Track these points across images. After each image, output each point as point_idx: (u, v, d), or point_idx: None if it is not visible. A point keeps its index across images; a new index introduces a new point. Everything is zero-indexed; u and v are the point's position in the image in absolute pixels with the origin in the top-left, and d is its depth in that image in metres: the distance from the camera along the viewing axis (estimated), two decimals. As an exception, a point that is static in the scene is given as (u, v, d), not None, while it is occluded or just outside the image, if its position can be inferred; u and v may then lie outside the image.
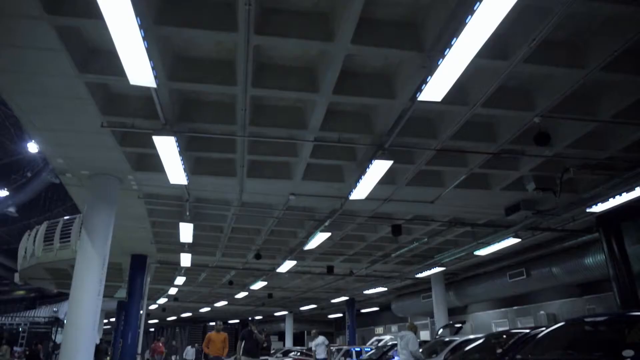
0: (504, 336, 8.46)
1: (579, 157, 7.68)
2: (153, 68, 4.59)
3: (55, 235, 15.48)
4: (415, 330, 9.48)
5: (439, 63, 4.57)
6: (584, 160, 7.75)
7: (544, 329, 6.94)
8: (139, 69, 4.55)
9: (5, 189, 37.48)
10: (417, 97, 5.21)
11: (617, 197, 8.37)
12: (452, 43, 4.25)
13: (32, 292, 47.53)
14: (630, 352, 4.38)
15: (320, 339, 14.06)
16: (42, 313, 41.37)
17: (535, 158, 7.74)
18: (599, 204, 8.81)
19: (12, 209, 38.73)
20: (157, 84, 4.96)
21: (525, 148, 7.36)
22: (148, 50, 4.29)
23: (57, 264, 15.91)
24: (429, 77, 4.81)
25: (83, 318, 7.64)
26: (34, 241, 16.18)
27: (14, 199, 38.65)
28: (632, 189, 7.99)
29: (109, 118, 6.38)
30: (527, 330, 7.98)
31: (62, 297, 39.86)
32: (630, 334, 4.74)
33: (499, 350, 7.52)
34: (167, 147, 6.32)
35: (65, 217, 16.23)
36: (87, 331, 7.63)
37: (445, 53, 4.41)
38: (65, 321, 27.33)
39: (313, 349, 14.38)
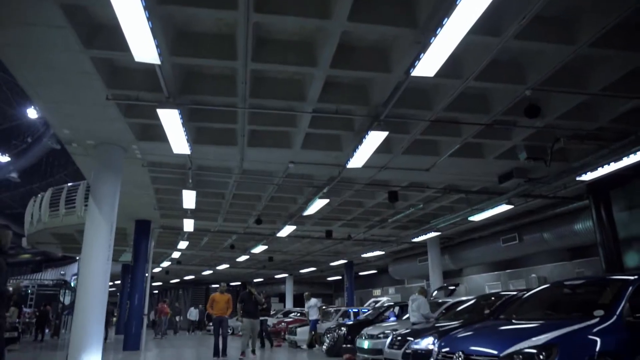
0: (492, 298, 8.92)
1: (569, 128, 7.92)
2: (157, 46, 4.78)
3: (61, 202, 15.85)
4: (425, 294, 10.36)
5: (431, 41, 4.75)
6: (574, 131, 7.98)
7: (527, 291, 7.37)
8: (143, 47, 4.74)
9: (7, 154, 37.71)
10: (410, 73, 5.40)
11: (606, 166, 8.64)
12: (444, 23, 4.43)
13: (37, 256, 48.46)
14: (601, 312, 4.79)
15: (313, 301, 14.63)
16: (49, 276, 42.32)
17: (527, 129, 7.97)
18: (589, 173, 9.09)
19: (14, 175, 39.09)
20: (161, 61, 5.15)
21: (517, 119, 7.57)
22: (152, 30, 4.47)
23: (63, 229, 16.38)
24: (422, 54, 5.00)
25: (94, 282, 8.07)
26: (40, 207, 16.57)
27: (15, 165, 38.97)
28: (620, 158, 8.24)
29: (114, 91, 6.59)
30: (514, 293, 8.43)
31: (67, 260, 40.76)
32: (602, 296, 5.14)
33: (487, 311, 7.97)
34: (170, 119, 6.56)
35: (70, 184, 16.58)
36: (98, 294, 8.08)
37: (437, 32, 4.59)
38: (72, 283, 28.16)
39: (306, 310, 14.97)
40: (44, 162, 41.13)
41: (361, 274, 30.83)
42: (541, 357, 4.34)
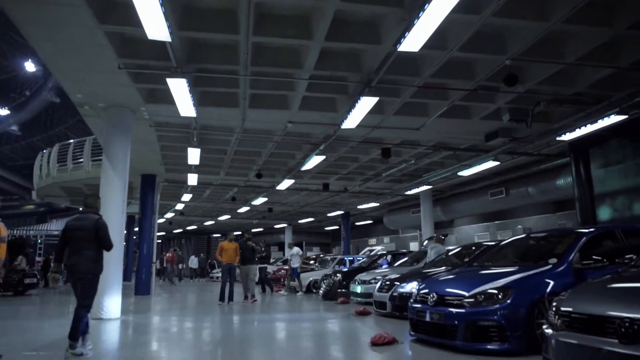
0: (473, 248, 9.83)
1: (549, 93, 8.49)
2: (169, 27, 5.30)
3: (68, 157, 16.50)
4: (442, 242, 11.56)
5: (414, 22, 5.28)
6: (554, 95, 8.56)
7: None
8: (156, 27, 5.27)
9: (6, 107, 37.85)
10: (397, 48, 5.94)
11: (583, 127, 9.26)
12: (425, 7, 4.95)
13: (41, 207, 49.48)
14: (554, 260, 5.61)
15: (295, 250, 15.61)
16: (55, 226, 43.44)
17: (510, 94, 8.54)
18: (567, 134, 9.73)
19: (14, 128, 39.41)
20: (172, 38, 5.68)
21: (500, 85, 8.10)
22: (165, 13, 4.98)
23: (71, 183, 17.12)
24: (407, 32, 5.53)
25: (111, 234, 8.85)
26: (49, 162, 17.22)
27: (15, 118, 39.19)
28: (596, 121, 8.86)
29: (125, 60, 7.11)
30: (493, 243, 9.31)
31: (71, 211, 41.84)
32: (559, 246, 5.94)
33: (466, 259, 8.87)
34: (179, 87, 7.14)
35: (75, 140, 17.14)
36: (115, 244, 8.89)
37: (420, 15, 5.11)
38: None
39: (289, 258, 15.96)
40: (43, 116, 41.34)
41: (357, 224, 31.95)
42: (499, 296, 5.19)
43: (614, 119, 8.69)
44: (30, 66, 33.52)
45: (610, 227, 7.00)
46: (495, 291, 5.26)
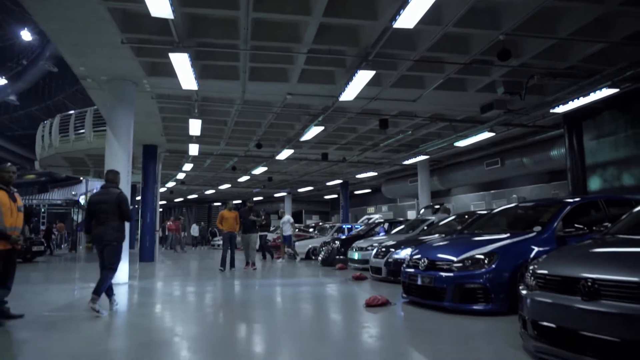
0: (466, 216, 10.20)
1: (542, 66, 8.68)
2: (171, 4, 5.48)
3: (70, 128, 16.70)
4: (449, 212, 12.12)
5: (409, 1, 5.45)
6: (547, 69, 8.75)
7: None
8: (159, 5, 5.44)
9: (3, 76, 37.61)
10: (393, 25, 6.12)
11: (576, 100, 9.50)
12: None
13: (42, 177, 49.81)
14: (539, 227, 5.97)
15: (286, 217, 16.01)
16: (56, 195, 43.87)
17: (504, 67, 8.72)
18: (561, 106, 9.96)
19: (12, 97, 39.28)
20: (174, 16, 5.86)
21: (494, 59, 8.27)
22: (168, -9, 5.16)
23: (73, 153, 17.39)
24: (402, 10, 5.71)
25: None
26: (50, 133, 17.43)
27: (13, 88, 39.02)
28: (588, 94, 9.10)
29: (127, 35, 7.28)
30: (485, 212, 9.67)
31: (72, 180, 42.18)
32: (544, 215, 6.29)
33: (459, 227, 9.24)
34: (180, 62, 7.34)
35: (77, 111, 17.28)
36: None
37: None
38: (82, 202, 29.48)
39: (280, 226, 16.43)
40: (41, 85, 41.15)
41: (356, 192, 32.38)
42: (485, 261, 5.58)
43: (605, 92, 8.92)
44: (26, 35, 33.17)
45: (593, 197, 7.36)
46: (482, 257, 5.64)
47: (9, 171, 5.34)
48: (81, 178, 33.01)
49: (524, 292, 3.90)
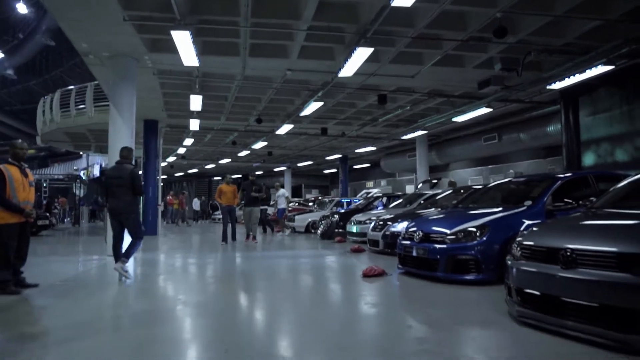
0: (462, 191, 10.45)
1: (539, 43, 8.78)
2: (174, -16, 5.59)
3: (71, 103, 16.77)
4: (454, 185, 12.37)
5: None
6: (544, 46, 8.85)
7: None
8: (162, -16, 5.54)
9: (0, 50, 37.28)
10: (391, 3, 6.23)
11: (572, 77, 9.62)
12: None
13: (42, 151, 49.78)
14: (529, 202, 6.22)
15: (281, 191, 16.29)
16: (57, 170, 44.04)
17: (501, 44, 8.82)
18: (557, 82, 10.08)
19: (10, 71, 39.02)
20: (176, -6, 5.96)
21: (491, 37, 8.38)
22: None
23: (75, 128, 17.52)
24: (401, -11, 5.82)
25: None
26: (51, 108, 17.51)
27: (10, 62, 38.70)
28: (584, 71, 9.21)
29: (129, 12, 7.38)
30: (479, 187, 9.92)
31: (72, 155, 42.31)
32: (535, 190, 6.53)
33: (454, 201, 9.50)
34: (182, 39, 7.45)
35: (77, 86, 17.32)
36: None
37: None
38: (83, 177, 29.76)
39: (276, 199, 16.72)
40: (38, 59, 40.83)
41: (355, 167, 32.60)
42: (477, 233, 5.85)
43: (601, 69, 9.03)
44: (22, 7, 32.74)
45: (583, 173, 7.61)
46: (474, 229, 5.91)
47: (22, 148, 5.56)
48: (81, 153, 33.20)
49: (509, 262, 4.17)
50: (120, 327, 4.34)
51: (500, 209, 6.43)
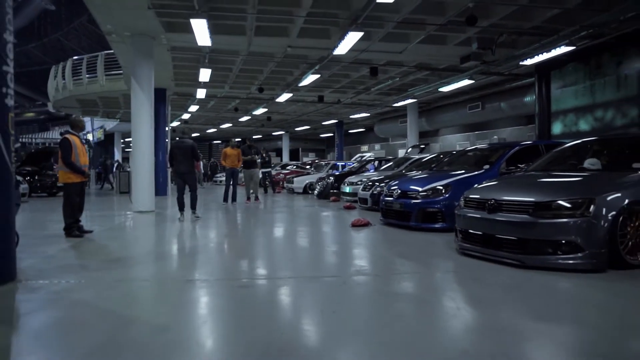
0: (442, 155, 11.86)
1: (510, 26, 10.03)
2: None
3: (83, 71, 17.87)
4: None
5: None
6: (514, 29, 10.09)
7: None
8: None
9: (-2, 13, 37.57)
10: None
11: (540, 55, 10.89)
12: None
13: (41, 114, 50.45)
14: (487, 166, 7.66)
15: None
16: (58, 134, 44.93)
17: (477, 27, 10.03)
18: (528, 59, 11.34)
19: (10, 34, 39.34)
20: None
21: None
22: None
23: (87, 96, 18.68)
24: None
25: (144, 143, 10.85)
26: (64, 76, 18.59)
27: (10, 24, 39.00)
28: (549, 50, 10.48)
29: (154, 1, 8.54)
30: (455, 152, 11.33)
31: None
32: (494, 156, 7.96)
33: (433, 165, 10.93)
34: (199, 25, 8.68)
35: (88, 55, 18.34)
36: (147, 151, 10.94)
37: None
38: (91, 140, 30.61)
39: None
40: (36, 23, 41.14)
41: (351, 131, 33.82)
42: (443, 191, 7.32)
43: (564, 49, 10.33)
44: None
45: (535, 142, 9.00)
46: (441, 187, 7.38)
47: (82, 120, 6.91)
48: (81, 117, 34.19)
49: (457, 211, 5.65)
50: (171, 255, 5.85)
51: (463, 171, 7.87)
